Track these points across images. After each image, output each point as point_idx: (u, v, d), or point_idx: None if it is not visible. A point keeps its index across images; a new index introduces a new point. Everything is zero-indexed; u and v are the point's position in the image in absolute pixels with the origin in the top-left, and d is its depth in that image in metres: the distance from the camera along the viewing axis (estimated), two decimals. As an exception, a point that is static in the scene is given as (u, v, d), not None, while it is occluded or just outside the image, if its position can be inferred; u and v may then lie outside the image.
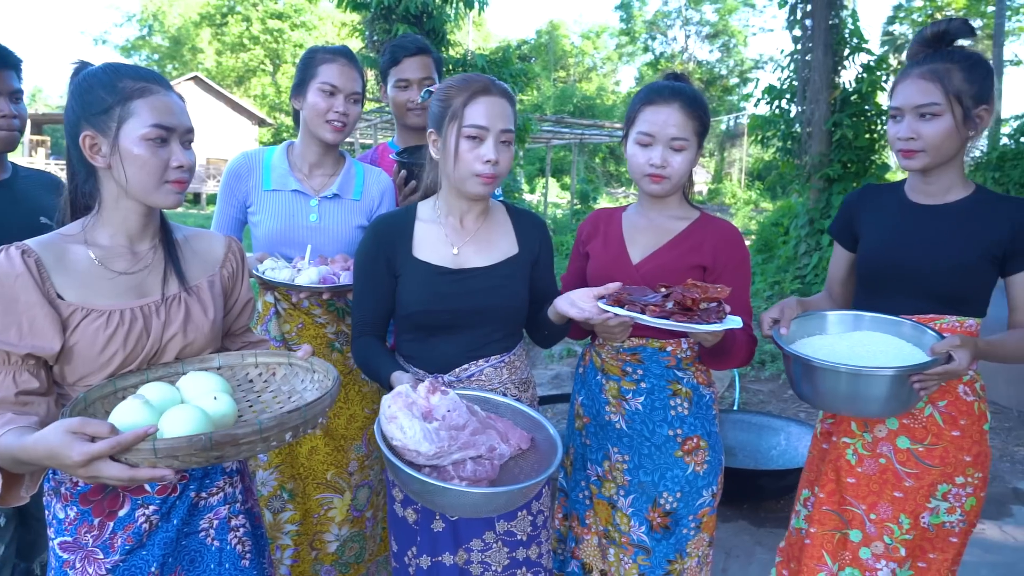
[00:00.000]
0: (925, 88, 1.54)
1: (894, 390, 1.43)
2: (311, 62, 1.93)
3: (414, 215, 1.63)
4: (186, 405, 1.14)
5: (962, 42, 1.61)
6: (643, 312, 1.39)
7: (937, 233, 1.61)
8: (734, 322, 1.43)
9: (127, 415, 1.09)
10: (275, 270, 1.80)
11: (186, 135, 1.25)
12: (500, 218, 1.66)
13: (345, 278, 1.80)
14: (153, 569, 1.21)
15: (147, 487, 1.21)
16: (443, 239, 1.59)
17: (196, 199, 23.51)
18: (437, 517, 1.56)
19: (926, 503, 1.59)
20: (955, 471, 1.59)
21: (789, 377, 1.61)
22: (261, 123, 30.72)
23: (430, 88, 1.63)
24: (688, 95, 1.66)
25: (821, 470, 1.75)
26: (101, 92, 1.18)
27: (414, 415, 1.28)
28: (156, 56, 40.78)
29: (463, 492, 1.21)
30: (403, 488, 1.38)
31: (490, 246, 1.61)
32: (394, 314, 1.64)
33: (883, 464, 1.62)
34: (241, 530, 1.34)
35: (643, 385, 1.72)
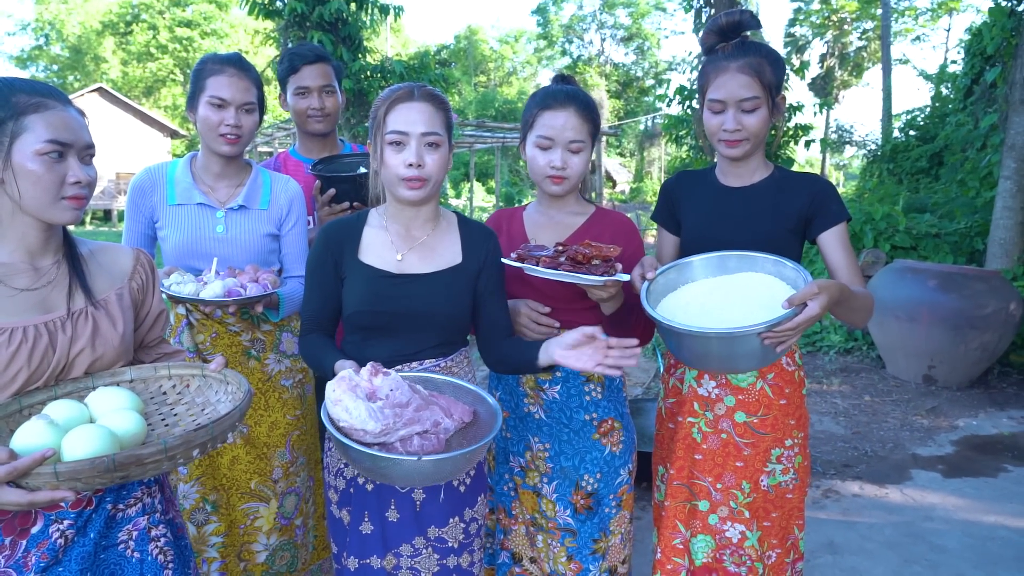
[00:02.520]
0: (746, 83, 1.65)
1: (757, 344, 1.45)
2: (200, 74, 1.91)
3: (364, 221, 1.66)
4: (90, 425, 1.12)
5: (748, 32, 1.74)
6: (537, 264, 1.52)
7: (748, 212, 1.75)
8: (621, 276, 1.54)
9: (30, 436, 1.06)
10: (180, 284, 1.76)
11: (85, 151, 1.23)
12: (449, 228, 1.68)
13: (252, 290, 1.78)
14: None
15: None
16: (388, 245, 1.62)
17: (107, 216, 22.40)
18: (366, 519, 1.56)
19: (763, 468, 1.73)
20: (784, 435, 1.73)
21: (664, 341, 1.63)
22: (173, 135, 29.48)
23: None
24: (581, 99, 1.75)
25: (671, 448, 1.84)
26: None
27: (358, 396, 1.30)
28: (55, 67, 38.56)
29: (413, 462, 1.23)
30: (356, 467, 1.39)
31: (434, 254, 1.63)
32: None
33: (724, 439, 1.74)
34: (162, 540, 1.31)
35: (558, 374, 1.79)
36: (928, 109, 11.10)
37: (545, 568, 1.85)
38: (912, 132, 10.91)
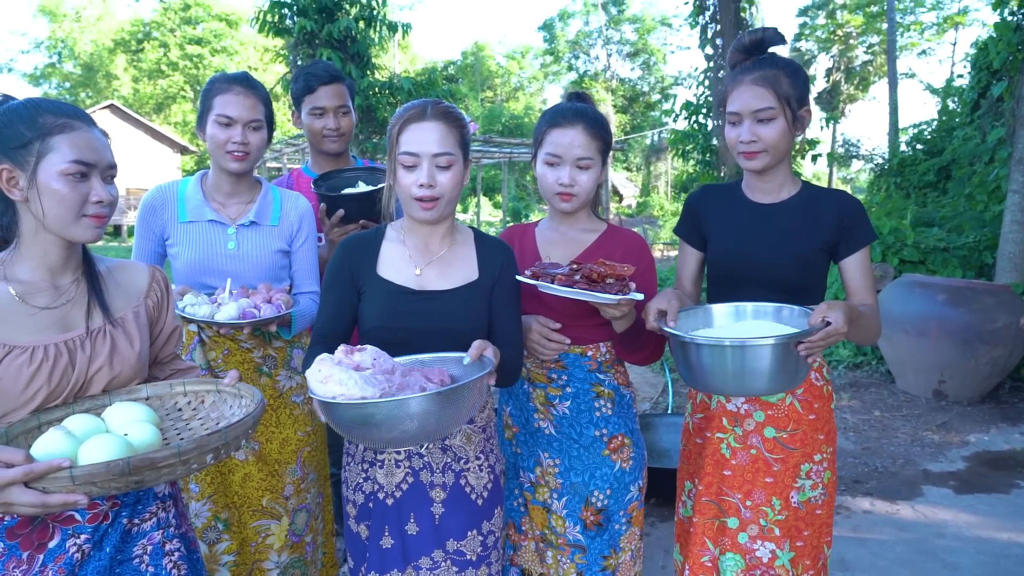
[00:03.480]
0: (759, 93, 1.67)
1: (781, 361, 1.44)
2: (208, 93, 1.93)
3: (383, 235, 1.66)
4: (106, 434, 1.14)
5: (776, 49, 1.77)
6: (552, 282, 1.55)
7: (779, 229, 1.76)
8: (635, 295, 1.55)
9: (48, 445, 1.09)
10: (195, 306, 1.78)
11: (108, 171, 1.26)
12: (465, 244, 1.68)
13: (266, 311, 1.80)
14: None
15: (77, 516, 1.20)
16: (406, 259, 1.62)
17: (117, 231, 22.56)
18: (386, 533, 1.55)
19: (793, 483, 1.72)
20: (813, 450, 1.73)
21: (677, 364, 1.59)
22: (183, 151, 29.79)
23: None
24: (590, 116, 1.77)
25: (699, 463, 1.83)
26: (20, 127, 1.19)
27: (347, 369, 1.30)
28: (68, 84, 39.05)
29: (424, 398, 1.21)
30: (358, 433, 1.30)
31: (451, 269, 1.63)
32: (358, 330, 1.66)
33: (754, 455, 1.74)
34: (176, 554, 1.32)
35: (568, 390, 1.80)
36: (935, 123, 11.10)
37: None
38: (919, 146, 10.90)
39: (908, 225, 6.70)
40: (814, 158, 8.38)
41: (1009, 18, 5.79)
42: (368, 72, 9.69)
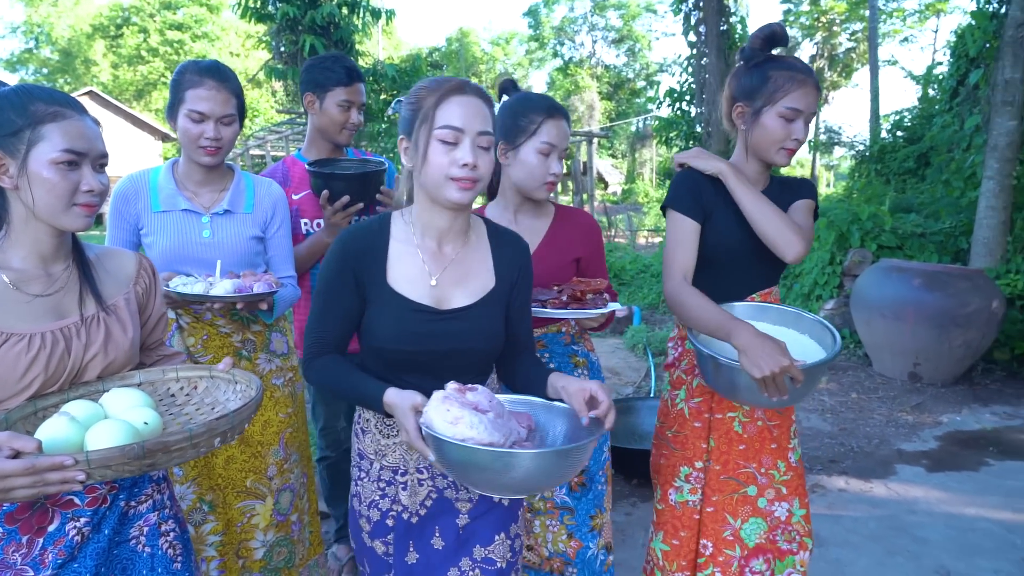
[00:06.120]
0: (816, 97, 1.71)
1: (806, 386, 1.54)
2: (179, 85, 1.89)
3: (388, 232, 1.44)
4: (111, 420, 1.15)
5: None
6: (545, 306, 1.73)
7: None
8: (614, 305, 1.79)
9: (53, 431, 1.09)
10: (186, 285, 1.81)
11: (99, 159, 1.25)
12: (479, 243, 1.50)
13: (258, 288, 1.83)
14: None
15: (76, 500, 1.21)
16: (420, 267, 1.42)
17: (99, 220, 22.34)
18: (411, 549, 1.48)
19: (788, 445, 1.85)
20: (791, 413, 1.88)
21: (704, 372, 1.69)
22: (165, 138, 29.42)
23: (400, 97, 1.49)
24: (564, 109, 1.87)
25: (699, 446, 1.86)
26: (11, 114, 1.18)
27: (475, 412, 1.23)
28: (45, 70, 38.40)
29: (550, 452, 1.18)
30: (469, 474, 1.22)
31: (468, 278, 1.45)
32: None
33: (760, 426, 1.83)
34: (172, 535, 1.35)
35: (552, 365, 1.91)
36: (916, 110, 11.23)
37: (543, 552, 1.91)
38: (899, 133, 11.03)
39: (886, 211, 6.81)
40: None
41: (986, 6, 5.87)
42: (352, 59, 9.63)
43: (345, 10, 9.36)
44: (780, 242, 1.68)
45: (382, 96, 10.56)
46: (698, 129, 8.45)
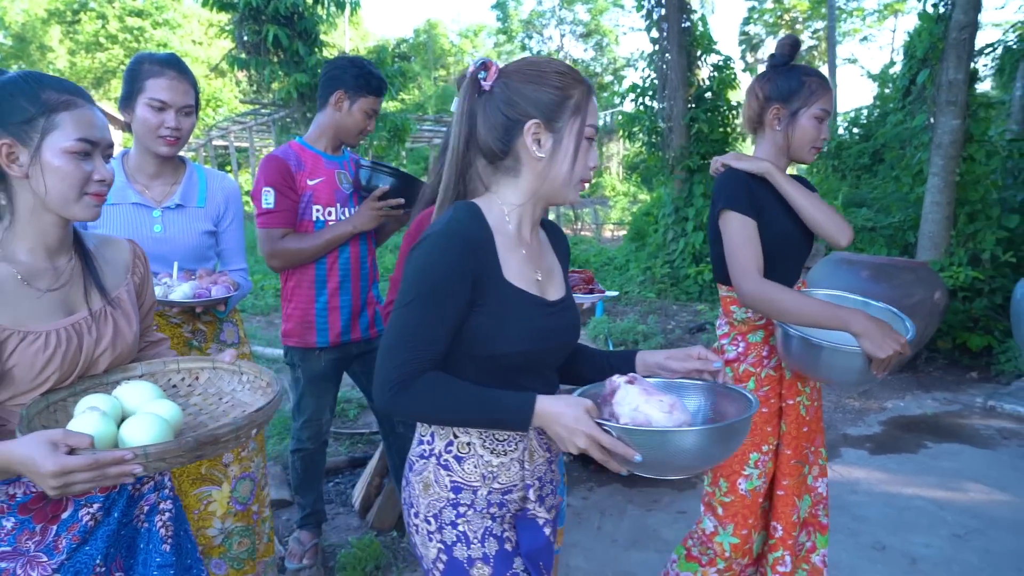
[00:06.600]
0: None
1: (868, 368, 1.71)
2: (137, 74, 1.89)
3: (486, 222, 1.23)
4: (143, 414, 1.16)
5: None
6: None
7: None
8: (611, 293, 2.14)
9: (86, 426, 1.09)
10: None
11: (107, 149, 1.25)
12: (540, 231, 1.41)
13: (216, 291, 1.86)
14: (98, 562, 1.23)
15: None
16: (523, 259, 1.27)
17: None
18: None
19: (821, 425, 2.02)
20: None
21: (786, 351, 1.79)
22: (126, 127, 28.66)
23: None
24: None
25: (766, 430, 1.90)
26: (23, 101, 1.16)
27: (670, 396, 1.20)
28: (-2, 56, 37.15)
29: (725, 425, 1.13)
30: (663, 459, 1.11)
31: (552, 268, 1.36)
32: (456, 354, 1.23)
33: (816, 407, 1.99)
34: (167, 514, 1.37)
35: None
36: (872, 108, 11.55)
37: None
38: (855, 130, 11.33)
39: (840, 206, 7.03)
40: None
41: (931, 11, 6.10)
42: (316, 49, 9.56)
43: (309, 0, 9.28)
44: (833, 229, 1.81)
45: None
46: (660, 124, 8.59)
